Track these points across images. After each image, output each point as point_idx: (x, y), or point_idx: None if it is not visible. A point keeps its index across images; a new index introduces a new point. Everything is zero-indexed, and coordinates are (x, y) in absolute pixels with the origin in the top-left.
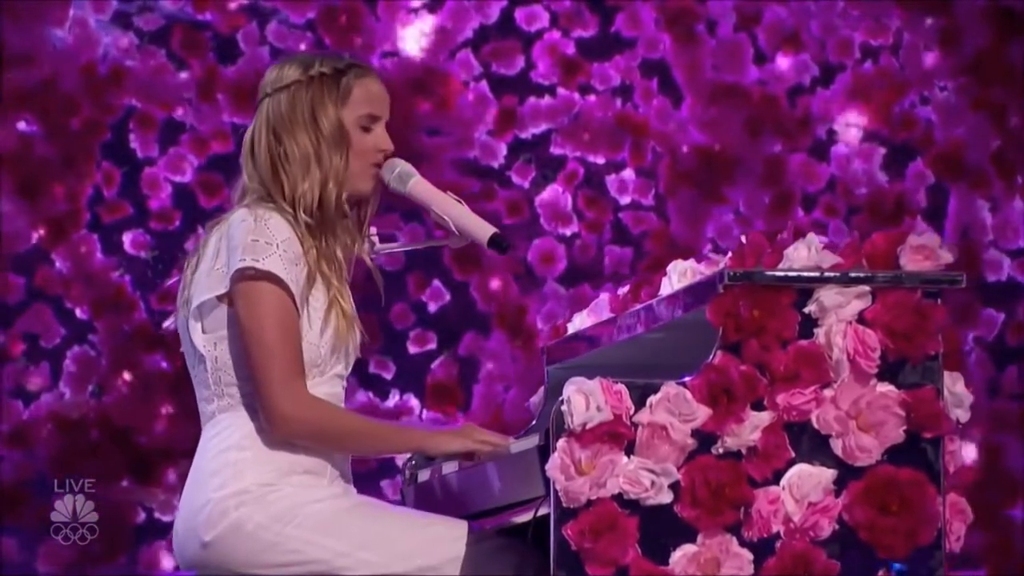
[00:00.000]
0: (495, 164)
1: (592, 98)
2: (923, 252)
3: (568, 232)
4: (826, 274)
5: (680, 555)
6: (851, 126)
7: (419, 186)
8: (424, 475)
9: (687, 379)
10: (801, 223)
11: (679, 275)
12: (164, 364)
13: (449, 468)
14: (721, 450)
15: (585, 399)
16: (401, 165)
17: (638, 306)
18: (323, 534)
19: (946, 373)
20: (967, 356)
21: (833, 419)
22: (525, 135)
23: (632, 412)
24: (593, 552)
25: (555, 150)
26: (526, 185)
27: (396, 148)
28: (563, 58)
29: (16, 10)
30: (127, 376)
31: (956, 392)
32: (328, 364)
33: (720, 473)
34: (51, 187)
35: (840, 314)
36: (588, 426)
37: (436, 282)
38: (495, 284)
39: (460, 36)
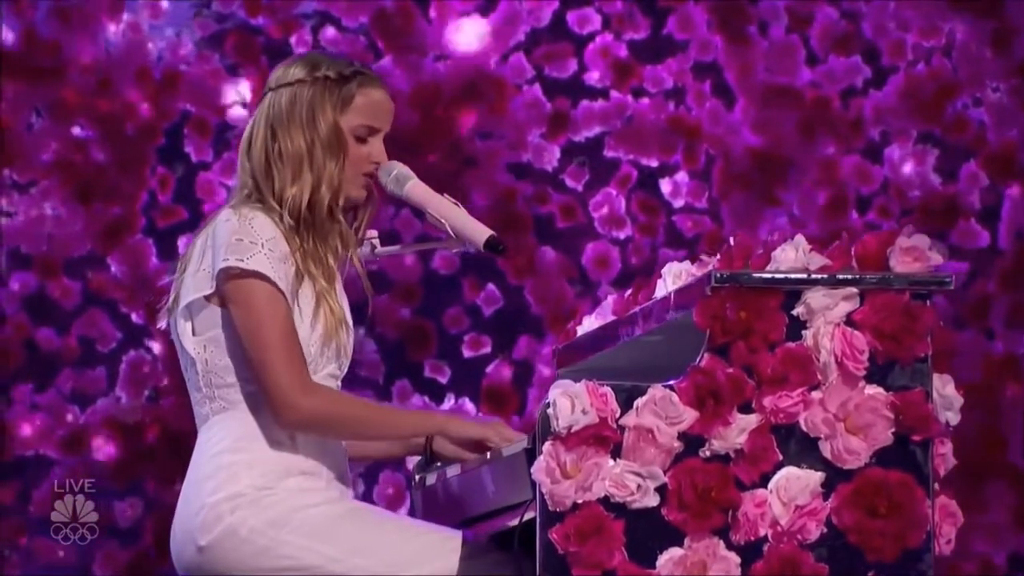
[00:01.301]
0: (548, 168)
1: (645, 101)
2: (913, 253)
3: (622, 235)
4: (813, 276)
5: (667, 559)
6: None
7: (416, 189)
8: (432, 479)
9: (673, 382)
10: (855, 225)
11: (673, 277)
12: None
13: (453, 471)
14: (708, 453)
15: (571, 402)
16: (398, 168)
17: (636, 308)
18: (317, 540)
19: (936, 375)
20: (1022, 359)
21: (821, 421)
22: (578, 138)
23: (618, 415)
24: (579, 556)
25: (608, 153)
26: (579, 188)
27: (447, 151)
28: (615, 61)
29: (70, 15)
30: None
31: (946, 394)
32: (320, 363)
33: (707, 476)
34: (106, 192)
35: (828, 316)
36: (574, 429)
37: (491, 286)
38: (549, 287)
39: (512, 39)
